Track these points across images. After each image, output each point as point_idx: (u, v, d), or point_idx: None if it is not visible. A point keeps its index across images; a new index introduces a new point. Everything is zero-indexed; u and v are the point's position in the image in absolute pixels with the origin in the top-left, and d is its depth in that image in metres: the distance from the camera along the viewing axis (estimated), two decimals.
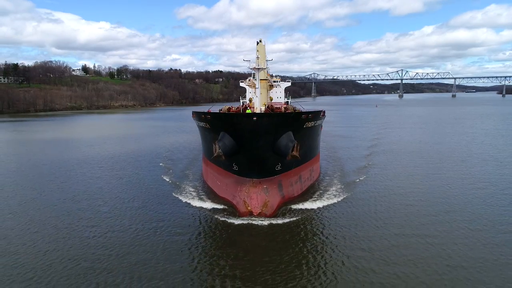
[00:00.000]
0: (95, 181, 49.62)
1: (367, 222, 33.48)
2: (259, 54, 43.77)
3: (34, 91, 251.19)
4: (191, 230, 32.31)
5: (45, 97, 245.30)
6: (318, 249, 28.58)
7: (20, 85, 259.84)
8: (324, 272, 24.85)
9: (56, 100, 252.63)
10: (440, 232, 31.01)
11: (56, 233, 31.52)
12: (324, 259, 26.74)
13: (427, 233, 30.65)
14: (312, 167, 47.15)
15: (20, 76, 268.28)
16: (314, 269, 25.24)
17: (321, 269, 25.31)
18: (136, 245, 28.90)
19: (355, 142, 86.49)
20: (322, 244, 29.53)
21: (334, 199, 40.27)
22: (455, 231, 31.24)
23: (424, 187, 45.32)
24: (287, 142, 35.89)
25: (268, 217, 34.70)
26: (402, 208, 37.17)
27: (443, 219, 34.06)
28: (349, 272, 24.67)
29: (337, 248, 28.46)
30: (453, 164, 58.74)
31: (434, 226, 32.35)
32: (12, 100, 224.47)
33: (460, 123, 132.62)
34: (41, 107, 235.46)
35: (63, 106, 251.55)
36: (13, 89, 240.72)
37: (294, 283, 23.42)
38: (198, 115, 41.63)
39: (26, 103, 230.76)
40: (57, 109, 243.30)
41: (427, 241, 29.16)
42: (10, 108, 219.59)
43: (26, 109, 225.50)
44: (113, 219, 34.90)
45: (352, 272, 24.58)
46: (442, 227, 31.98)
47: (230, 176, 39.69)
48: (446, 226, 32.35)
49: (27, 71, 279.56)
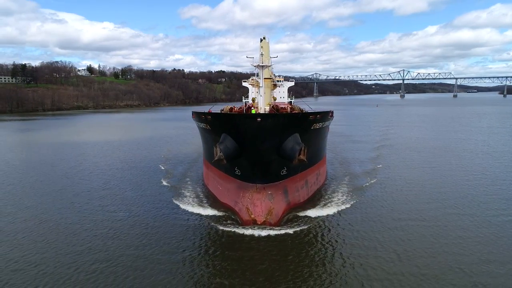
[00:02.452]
0: (93, 186, 46.44)
1: (379, 232, 30.06)
2: (263, 51, 40.16)
3: (41, 91, 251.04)
4: (190, 240, 29.07)
5: (53, 96, 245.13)
6: (326, 262, 25.36)
7: (28, 85, 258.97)
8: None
9: (63, 99, 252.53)
10: (466, 247, 27.41)
11: (46, 241, 28.45)
12: (334, 273, 23.63)
13: (447, 247, 27.11)
14: (319, 171, 43.63)
15: (27, 76, 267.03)
16: (324, 285, 22.14)
17: (332, 285, 22.20)
18: (130, 257, 25.72)
19: (357, 140, 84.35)
20: (331, 257, 26.21)
21: (342, 205, 36.79)
22: (486, 247, 27.60)
23: (438, 190, 41.61)
24: (294, 145, 32.41)
25: (272, 226, 31.33)
26: (418, 216, 33.59)
27: (466, 229, 30.43)
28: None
29: (348, 261, 25.20)
30: (460, 160, 55.10)
31: (455, 238, 28.76)
32: (21, 100, 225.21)
33: (457, 121, 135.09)
34: (49, 106, 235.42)
35: (70, 105, 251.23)
36: (21, 89, 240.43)
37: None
38: (198, 115, 38.28)
39: (35, 102, 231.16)
40: (64, 108, 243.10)
41: (446, 253, 25.66)
42: (19, 108, 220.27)
43: (34, 108, 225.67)
44: (107, 228, 31.66)
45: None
46: (467, 241, 28.38)
47: (232, 180, 36.33)
48: (472, 240, 28.69)
49: (35, 71, 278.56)
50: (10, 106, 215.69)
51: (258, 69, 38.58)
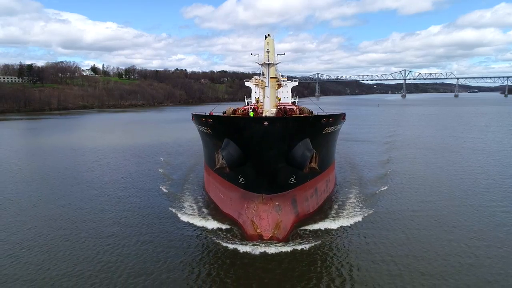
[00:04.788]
0: (86, 193, 42.77)
1: (399, 248, 26.20)
2: (269, 47, 35.97)
3: (48, 90, 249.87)
4: (189, 258, 25.29)
5: (59, 96, 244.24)
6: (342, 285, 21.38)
7: (34, 85, 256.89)
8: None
9: (69, 99, 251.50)
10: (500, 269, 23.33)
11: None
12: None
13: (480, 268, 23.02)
14: (329, 177, 39.63)
15: (34, 76, 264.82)
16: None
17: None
18: (123, 277, 21.97)
19: (360, 139, 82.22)
20: (347, 279, 22.23)
21: (354, 217, 32.70)
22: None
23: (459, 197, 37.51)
24: (304, 152, 28.43)
25: (281, 241, 27.44)
26: (440, 226, 29.50)
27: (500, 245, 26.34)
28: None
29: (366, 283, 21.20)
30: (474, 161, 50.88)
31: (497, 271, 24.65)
32: (28, 100, 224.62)
33: (456, 120, 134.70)
34: (55, 106, 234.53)
35: (76, 105, 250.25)
36: (28, 89, 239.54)
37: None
38: (198, 118, 34.36)
39: (41, 102, 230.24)
40: (70, 108, 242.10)
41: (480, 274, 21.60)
42: (26, 107, 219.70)
43: (41, 108, 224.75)
44: (95, 248, 27.90)
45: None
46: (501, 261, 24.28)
47: (235, 189, 32.44)
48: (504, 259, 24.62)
49: (41, 71, 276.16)
50: (18, 105, 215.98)
51: (264, 68, 34.49)
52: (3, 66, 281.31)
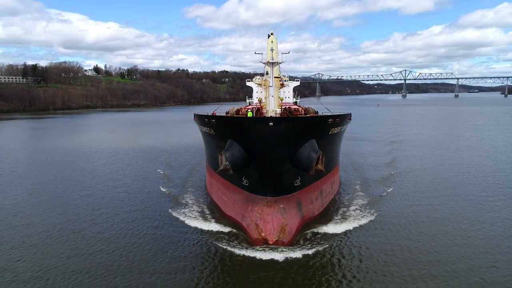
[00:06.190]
0: (83, 195, 41.68)
1: (410, 252, 24.84)
2: (273, 46, 34.67)
3: (52, 90, 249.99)
4: (190, 262, 24.10)
5: (63, 96, 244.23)
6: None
7: (38, 85, 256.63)
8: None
9: (73, 99, 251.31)
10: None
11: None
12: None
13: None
14: (333, 179, 38.36)
15: (38, 77, 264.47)
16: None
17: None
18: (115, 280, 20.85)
19: (361, 138, 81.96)
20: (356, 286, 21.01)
21: (361, 219, 31.47)
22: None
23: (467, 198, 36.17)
24: (310, 153, 27.17)
25: (286, 245, 26.24)
26: (448, 231, 28.22)
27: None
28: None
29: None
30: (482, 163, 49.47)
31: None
32: (33, 99, 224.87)
33: (455, 119, 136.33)
34: (60, 105, 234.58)
35: (79, 105, 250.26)
36: (33, 89, 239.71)
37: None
38: (201, 118, 33.14)
39: (46, 102, 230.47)
40: (74, 107, 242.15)
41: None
42: (31, 107, 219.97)
43: (46, 107, 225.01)
44: (95, 251, 26.79)
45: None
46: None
47: (239, 191, 31.22)
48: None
49: (45, 72, 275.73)
50: (23, 105, 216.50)
51: (268, 66, 33.23)
52: (7, 67, 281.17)
